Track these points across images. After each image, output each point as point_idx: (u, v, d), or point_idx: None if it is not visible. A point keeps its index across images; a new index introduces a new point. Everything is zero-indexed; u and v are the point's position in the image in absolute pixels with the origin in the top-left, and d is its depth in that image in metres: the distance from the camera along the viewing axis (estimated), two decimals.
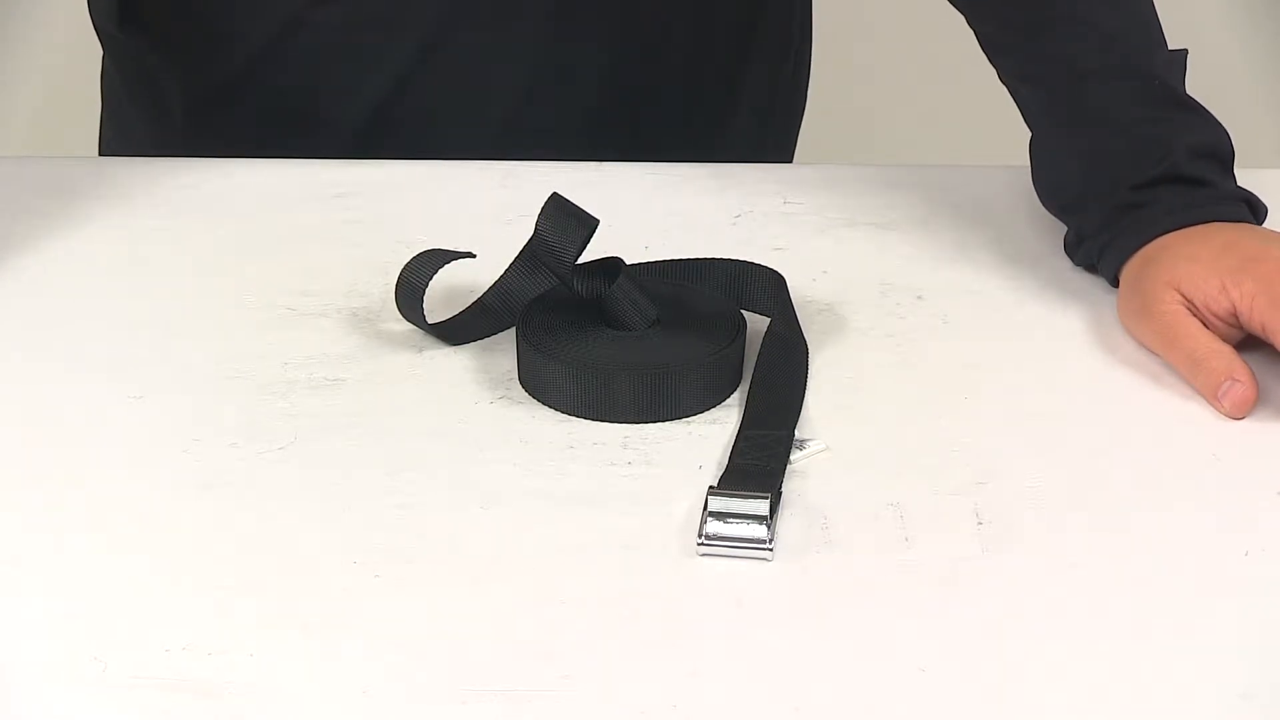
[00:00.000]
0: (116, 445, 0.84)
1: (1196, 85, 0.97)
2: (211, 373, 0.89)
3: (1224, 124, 0.96)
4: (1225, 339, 0.88)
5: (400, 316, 0.91)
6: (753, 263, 0.94)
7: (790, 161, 1.26)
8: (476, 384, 0.88)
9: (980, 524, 0.78)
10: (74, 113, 1.35)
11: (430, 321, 0.90)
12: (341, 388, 0.88)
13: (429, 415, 0.86)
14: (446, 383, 0.88)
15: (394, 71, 1.10)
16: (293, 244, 1.01)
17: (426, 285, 0.90)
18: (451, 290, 0.93)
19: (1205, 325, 0.88)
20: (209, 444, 0.83)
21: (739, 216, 1.04)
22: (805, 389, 0.87)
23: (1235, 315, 0.88)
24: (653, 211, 1.04)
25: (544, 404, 0.86)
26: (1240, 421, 0.85)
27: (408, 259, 0.90)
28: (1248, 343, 0.89)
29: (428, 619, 0.73)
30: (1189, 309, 0.88)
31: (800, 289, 0.95)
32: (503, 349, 0.90)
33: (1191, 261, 0.90)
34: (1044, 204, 1.00)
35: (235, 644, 0.71)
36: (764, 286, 0.93)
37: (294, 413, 0.86)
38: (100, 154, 1.24)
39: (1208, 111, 0.96)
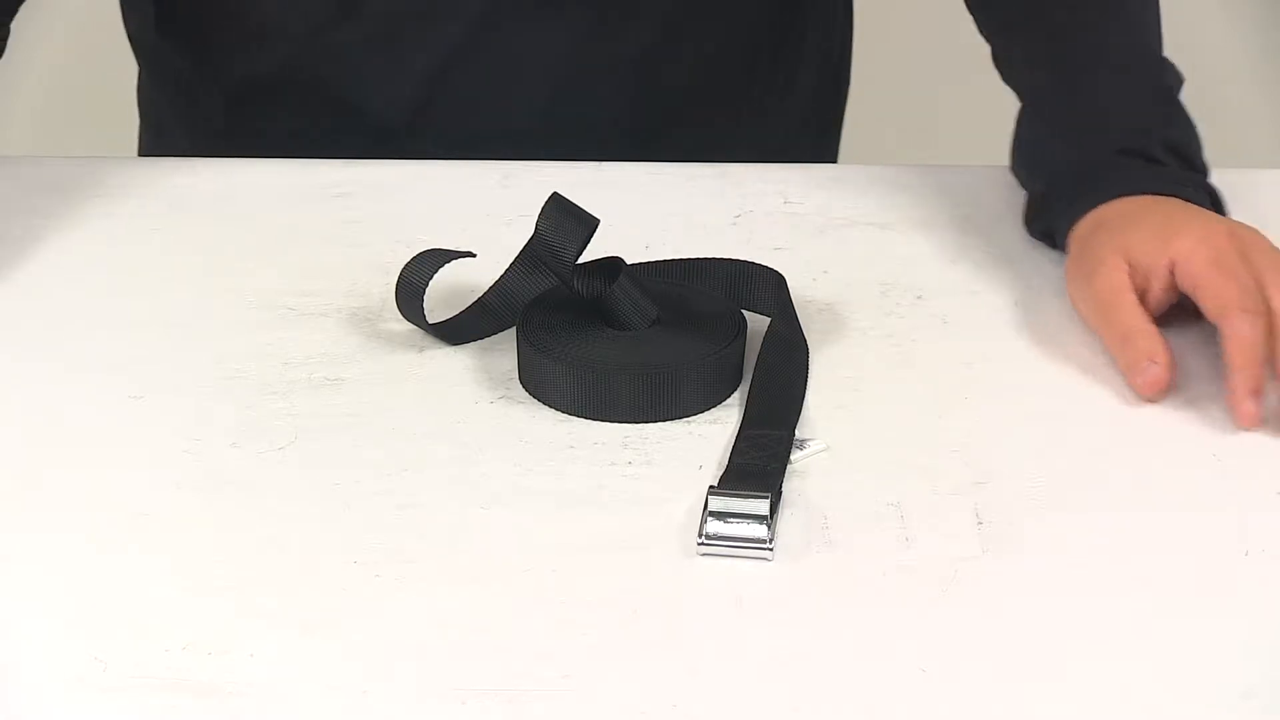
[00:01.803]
0: (116, 445, 0.84)
1: (1196, 85, 0.97)
2: (211, 373, 0.89)
3: (1224, 124, 0.97)
4: (1163, 305, 0.89)
5: (400, 316, 0.91)
6: (753, 263, 0.94)
7: (835, 161, 1.26)
8: (476, 384, 0.88)
9: (980, 524, 0.78)
10: (74, 113, 1.35)
11: (430, 321, 0.90)
12: (341, 388, 0.88)
13: (429, 415, 0.86)
14: (446, 382, 0.88)
15: (435, 63, 1.09)
16: (293, 244, 1.01)
17: (427, 285, 0.90)
18: (451, 290, 0.93)
19: (1146, 294, 0.89)
20: (209, 444, 0.83)
21: (739, 216, 1.04)
22: (805, 389, 0.87)
23: (1173, 273, 0.88)
24: (653, 211, 1.04)
25: (544, 404, 0.86)
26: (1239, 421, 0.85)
27: (408, 259, 0.90)
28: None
29: (428, 619, 0.73)
30: (1131, 277, 0.89)
31: (800, 289, 0.95)
32: (503, 349, 0.90)
33: (1140, 226, 0.90)
34: (1015, 175, 1.02)
35: (235, 644, 0.71)
36: (764, 286, 0.93)
37: (294, 413, 0.86)
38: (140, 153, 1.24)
39: (1195, 130, 0.98)
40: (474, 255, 0.92)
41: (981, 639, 0.72)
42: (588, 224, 0.88)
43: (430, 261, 0.90)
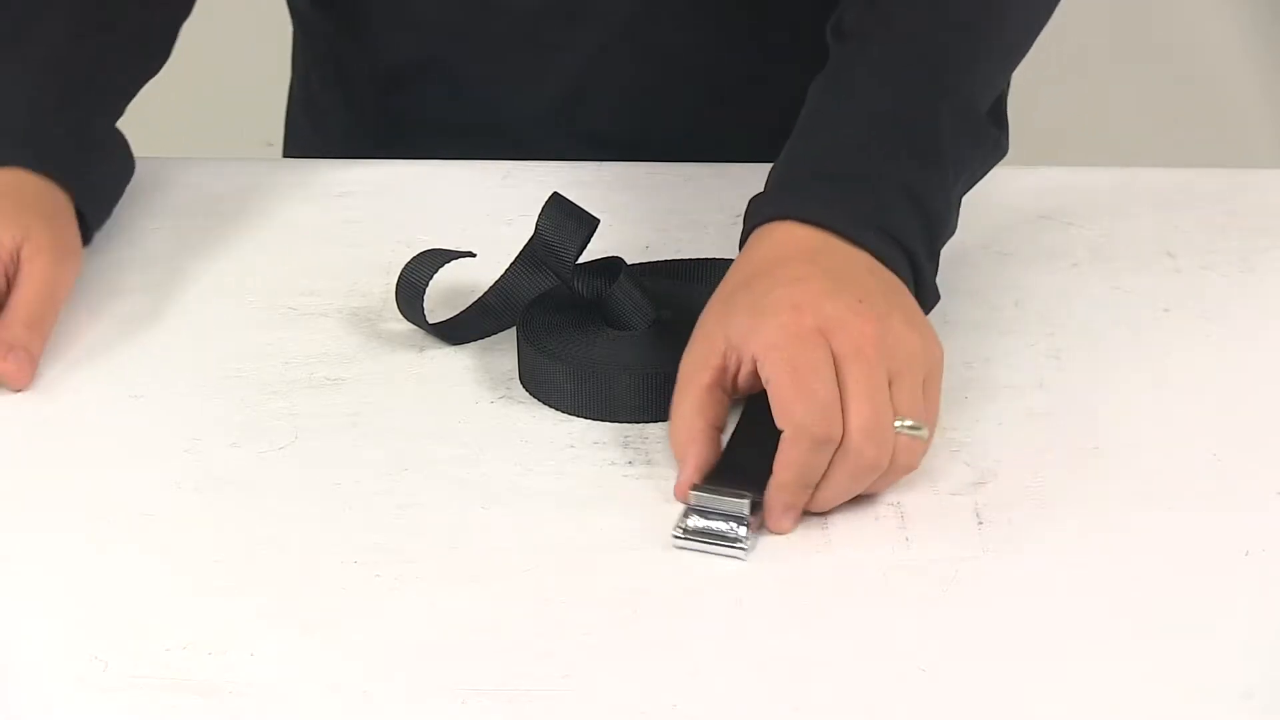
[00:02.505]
0: (116, 445, 0.84)
1: (1197, 85, 0.97)
2: (211, 373, 0.89)
3: (1224, 124, 0.95)
4: (756, 386, 0.80)
5: (401, 316, 0.91)
6: None
7: None
8: (477, 384, 0.88)
9: (980, 524, 0.78)
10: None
11: (431, 321, 0.90)
12: (341, 388, 0.88)
13: (429, 415, 0.86)
14: (447, 382, 0.88)
15: (577, 65, 1.08)
16: (293, 244, 1.01)
17: (427, 285, 0.90)
18: (452, 290, 0.93)
19: (738, 376, 0.80)
20: (209, 444, 0.83)
21: (739, 216, 1.04)
22: None
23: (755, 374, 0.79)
24: (653, 211, 1.04)
25: (544, 404, 0.86)
26: (1240, 421, 0.85)
27: (408, 259, 0.90)
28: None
29: (428, 619, 0.73)
30: (725, 357, 0.80)
31: None
32: (503, 349, 0.90)
33: (742, 298, 0.81)
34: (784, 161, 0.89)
35: (235, 644, 0.71)
36: None
37: (294, 413, 0.86)
38: (286, 134, 1.23)
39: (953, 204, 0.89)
40: (474, 255, 0.92)
41: (981, 639, 0.72)
42: (588, 224, 0.88)
43: (430, 261, 0.90)
